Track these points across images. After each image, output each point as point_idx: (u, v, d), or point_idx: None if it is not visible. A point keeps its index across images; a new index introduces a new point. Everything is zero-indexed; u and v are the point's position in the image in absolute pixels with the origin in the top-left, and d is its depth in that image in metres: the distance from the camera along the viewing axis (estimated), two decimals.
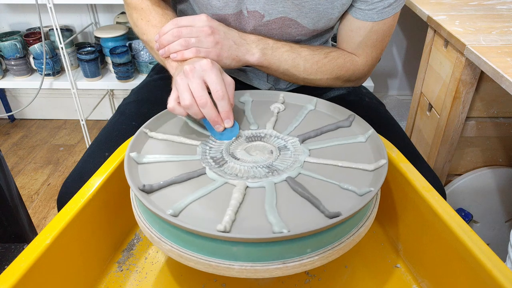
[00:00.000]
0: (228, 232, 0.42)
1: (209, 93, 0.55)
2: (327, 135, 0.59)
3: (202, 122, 0.59)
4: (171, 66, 0.63)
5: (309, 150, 0.55)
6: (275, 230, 0.42)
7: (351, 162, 0.53)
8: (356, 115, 0.61)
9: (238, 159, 0.54)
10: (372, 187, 0.48)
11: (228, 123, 0.56)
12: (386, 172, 0.49)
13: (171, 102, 0.56)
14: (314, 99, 0.65)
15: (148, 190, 0.47)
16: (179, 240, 0.44)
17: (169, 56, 0.63)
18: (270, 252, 0.42)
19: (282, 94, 0.67)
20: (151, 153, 0.55)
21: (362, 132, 0.59)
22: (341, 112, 0.63)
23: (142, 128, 0.57)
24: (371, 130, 0.58)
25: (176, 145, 0.57)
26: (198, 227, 0.41)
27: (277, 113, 0.64)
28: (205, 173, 0.51)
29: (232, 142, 0.57)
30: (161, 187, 0.49)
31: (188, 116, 0.58)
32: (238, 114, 0.64)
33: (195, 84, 0.54)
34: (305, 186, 0.48)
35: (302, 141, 0.58)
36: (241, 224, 0.44)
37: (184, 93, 0.54)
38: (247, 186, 0.49)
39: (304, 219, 0.44)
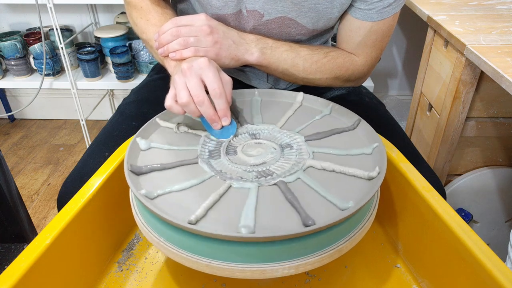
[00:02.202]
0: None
1: (208, 92, 0.55)
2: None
3: (200, 121, 0.59)
4: (170, 65, 0.64)
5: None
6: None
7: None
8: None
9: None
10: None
11: (226, 121, 0.56)
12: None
13: (169, 100, 0.56)
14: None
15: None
16: (164, 234, 0.45)
17: (168, 55, 0.63)
18: (270, 253, 0.42)
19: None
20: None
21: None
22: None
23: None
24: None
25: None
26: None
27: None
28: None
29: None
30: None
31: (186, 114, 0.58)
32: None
33: (192, 83, 0.54)
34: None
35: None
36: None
37: (182, 91, 0.54)
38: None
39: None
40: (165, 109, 0.59)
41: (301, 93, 0.66)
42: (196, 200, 0.47)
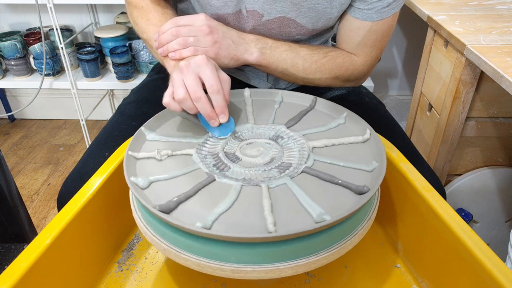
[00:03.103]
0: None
1: (206, 91, 0.55)
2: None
3: (198, 118, 0.59)
4: (169, 65, 0.64)
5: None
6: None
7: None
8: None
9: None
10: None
11: (223, 118, 0.56)
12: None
13: (166, 97, 0.56)
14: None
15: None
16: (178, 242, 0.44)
17: (167, 55, 0.63)
18: (271, 253, 0.42)
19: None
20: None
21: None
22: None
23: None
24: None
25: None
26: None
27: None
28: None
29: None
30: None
31: (185, 112, 0.58)
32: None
33: (189, 79, 0.54)
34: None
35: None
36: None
37: (179, 88, 0.54)
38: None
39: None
40: (165, 108, 0.60)
41: (247, 89, 0.67)
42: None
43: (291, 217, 0.44)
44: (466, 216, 1.15)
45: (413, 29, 1.79)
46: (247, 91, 0.67)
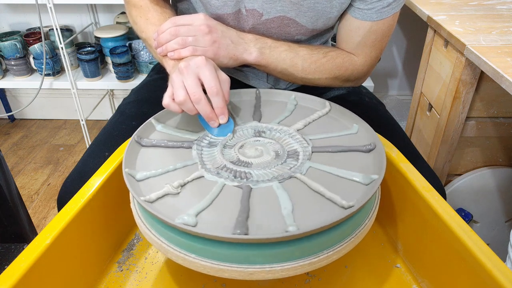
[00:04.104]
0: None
1: (205, 91, 0.55)
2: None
3: (198, 119, 0.60)
4: (168, 65, 0.64)
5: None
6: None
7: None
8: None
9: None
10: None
11: (223, 119, 0.57)
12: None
13: (166, 98, 0.56)
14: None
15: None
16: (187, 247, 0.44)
17: (166, 55, 0.63)
18: (271, 253, 0.42)
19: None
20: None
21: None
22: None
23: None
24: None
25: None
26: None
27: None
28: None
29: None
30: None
31: (184, 113, 0.58)
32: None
33: (189, 81, 0.54)
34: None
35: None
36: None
37: (179, 90, 0.54)
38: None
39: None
40: (164, 109, 0.60)
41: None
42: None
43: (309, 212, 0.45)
44: (466, 216, 1.15)
45: (413, 29, 1.79)
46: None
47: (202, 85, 0.55)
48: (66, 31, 1.70)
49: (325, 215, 0.45)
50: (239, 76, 0.81)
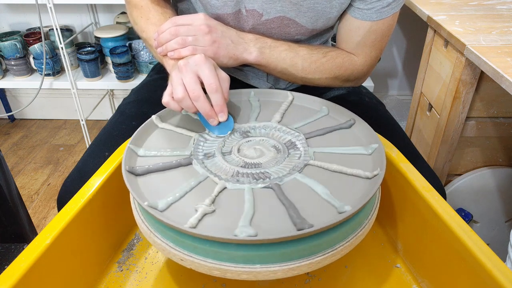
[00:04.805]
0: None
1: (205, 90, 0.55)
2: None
3: (198, 117, 0.60)
4: (168, 64, 0.64)
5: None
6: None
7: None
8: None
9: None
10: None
11: (222, 117, 0.57)
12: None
13: (166, 96, 0.57)
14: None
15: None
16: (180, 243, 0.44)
17: (167, 54, 0.63)
18: (272, 254, 0.42)
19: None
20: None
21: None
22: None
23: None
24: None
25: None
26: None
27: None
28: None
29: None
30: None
31: (184, 111, 0.58)
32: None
33: (188, 78, 0.54)
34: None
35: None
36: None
37: (178, 87, 0.55)
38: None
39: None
40: (165, 108, 0.60)
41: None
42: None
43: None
44: (466, 216, 1.15)
45: (413, 29, 1.79)
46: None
47: (202, 84, 0.55)
48: (66, 31, 1.70)
49: (360, 191, 0.48)
50: (239, 75, 0.81)
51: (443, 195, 0.66)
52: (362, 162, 0.53)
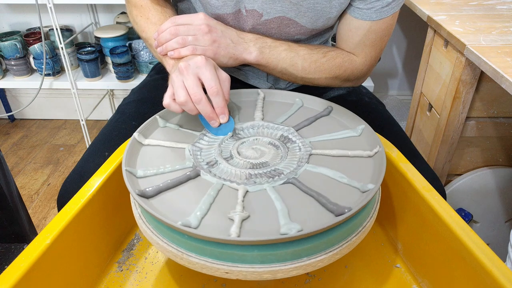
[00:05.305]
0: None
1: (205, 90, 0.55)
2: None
3: (198, 118, 0.60)
4: (168, 64, 0.64)
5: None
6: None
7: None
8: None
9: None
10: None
11: (223, 119, 0.57)
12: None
13: (167, 99, 0.57)
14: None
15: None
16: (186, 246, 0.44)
17: (166, 54, 0.63)
18: (272, 254, 0.42)
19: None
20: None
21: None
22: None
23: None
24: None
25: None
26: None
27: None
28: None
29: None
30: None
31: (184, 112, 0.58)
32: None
33: (189, 81, 0.54)
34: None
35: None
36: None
37: (179, 90, 0.55)
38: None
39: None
40: (164, 108, 0.60)
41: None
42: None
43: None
44: (466, 216, 1.15)
45: (413, 29, 1.79)
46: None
47: (202, 85, 0.55)
48: (66, 31, 1.70)
49: (369, 169, 0.51)
50: (239, 75, 0.81)
51: (443, 195, 0.66)
52: (357, 144, 0.57)
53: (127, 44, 1.66)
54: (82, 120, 1.72)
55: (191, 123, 0.61)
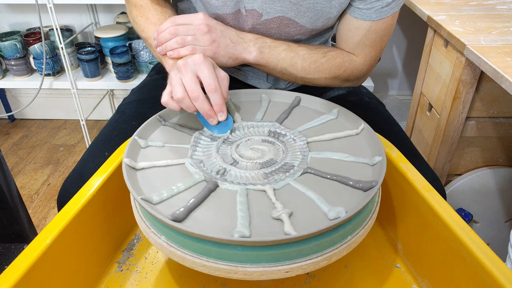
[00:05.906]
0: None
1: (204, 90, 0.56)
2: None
3: (197, 117, 0.60)
4: (167, 64, 0.64)
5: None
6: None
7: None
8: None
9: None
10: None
11: (222, 116, 0.57)
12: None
13: (165, 96, 0.57)
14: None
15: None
16: (186, 245, 0.44)
17: (166, 54, 0.63)
18: (273, 254, 0.42)
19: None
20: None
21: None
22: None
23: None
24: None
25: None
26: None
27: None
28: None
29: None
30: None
31: (183, 111, 0.58)
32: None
33: (187, 78, 0.55)
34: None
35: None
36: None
37: (177, 87, 0.55)
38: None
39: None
40: (164, 108, 0.60)
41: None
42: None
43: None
44: (466, 216, 1.15)
45: (413, 29, 1.79)
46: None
47: (201, 83, 0.55)
48: (66, 31, 1.70)
49: (367, 147, 0.54)
50: (239, 75, 0.81)
51: (443, 195, 0.66)
52: (340, 126, 0.60)
53: (127, 44, 1.66)
54: (82, 120, 1.72)
55: (177, 139, 0.58)
